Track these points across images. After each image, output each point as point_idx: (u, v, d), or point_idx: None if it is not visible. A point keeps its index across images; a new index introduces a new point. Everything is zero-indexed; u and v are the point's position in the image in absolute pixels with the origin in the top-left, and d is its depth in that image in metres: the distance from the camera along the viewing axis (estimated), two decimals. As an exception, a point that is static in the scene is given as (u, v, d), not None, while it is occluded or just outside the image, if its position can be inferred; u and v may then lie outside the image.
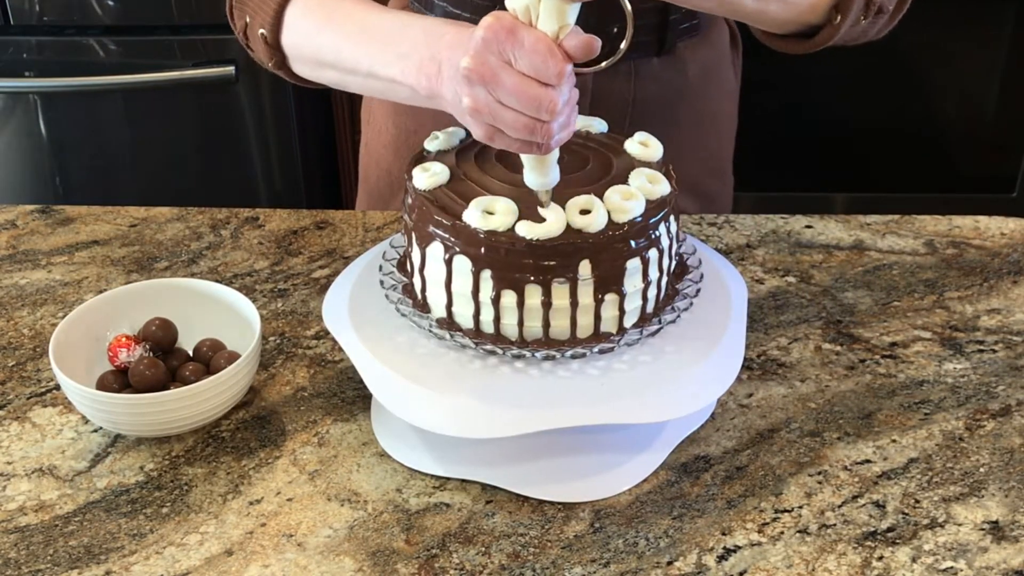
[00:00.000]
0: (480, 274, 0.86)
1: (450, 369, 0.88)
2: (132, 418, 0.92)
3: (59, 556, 0.85)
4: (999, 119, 2.32)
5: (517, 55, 0.78)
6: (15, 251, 1.21)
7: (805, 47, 1.00)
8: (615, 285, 0.86)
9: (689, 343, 0.91)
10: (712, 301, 0.95)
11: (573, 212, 0.85)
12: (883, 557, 0.84)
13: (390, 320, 0.93)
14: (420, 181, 0.90)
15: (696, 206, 1.26)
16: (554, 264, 0.85)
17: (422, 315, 0.91)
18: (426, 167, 0.91)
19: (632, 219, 0.85)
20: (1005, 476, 0.91)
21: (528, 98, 0.78)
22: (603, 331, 0.88)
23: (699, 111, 1.22)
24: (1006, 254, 1.18)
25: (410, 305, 0.92)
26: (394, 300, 0.92)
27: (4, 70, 2.07)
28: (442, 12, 1.14)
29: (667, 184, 0.89)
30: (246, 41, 1.06)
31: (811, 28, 0.98)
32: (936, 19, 2.21)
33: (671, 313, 0.91)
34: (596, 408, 0.86)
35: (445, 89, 0.85)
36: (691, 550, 0.85)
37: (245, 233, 1.23)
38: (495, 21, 0.78)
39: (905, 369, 1.03)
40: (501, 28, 0.78)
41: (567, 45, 0.78)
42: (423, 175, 0.90)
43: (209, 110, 2.11)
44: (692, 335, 0.92)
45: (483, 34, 0.78)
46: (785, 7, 0.95)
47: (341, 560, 0.84)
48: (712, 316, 0.94)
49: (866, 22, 0.98)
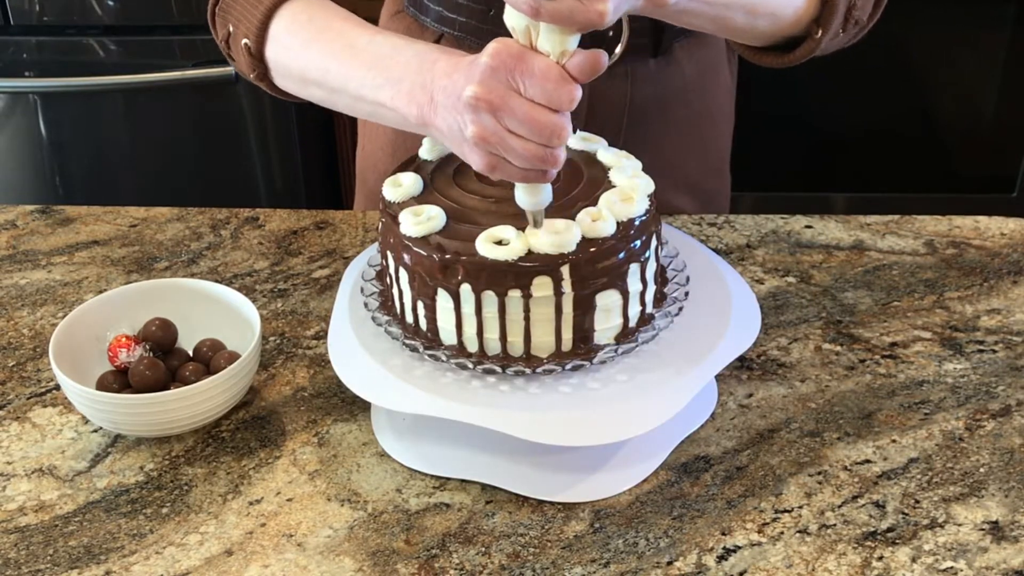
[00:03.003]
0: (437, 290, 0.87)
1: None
2: (132, 418, 0.92)
3: (59, 556, 0.85)
4: (999, 119, 2.32)
5: (526, 82, 0.77)
6: (15, 251, 1.21)
7: (784, 60, 1.00)
8: (586, 306, 0.86)
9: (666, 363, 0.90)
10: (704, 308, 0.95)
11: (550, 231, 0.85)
12: (883, 557, 0.84)
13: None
14: (389, 194, 0.91)
15: (695, 205, 1.26)
16: (514, 282, 0.85)
17: (395, 325, 0.92)
18: (397, 180, 0.92)
19: (603, 237, 0.85)
20: (1005, 476, 0.91)
21: (539, 125, 0.77)
22: (568, 350, 0.88)
23: (696, 111, 1.22)
24: (1006, 254, 1.18)
25: (382, 311, 0.93)
26: (372, 309, 0.94)
27: (4, 70, 2.07)
28: (436, 16, 1.14)
29: (643, 203, 0.89)
30: (228, 50, 1.03)
31: (791, 41, 0.99)
32: (936, 19, 2.21)
33: (649, 331, 0.91)
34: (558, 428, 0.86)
35: (439, 119, 0.83)
36: (691, 550, 0.85)
37: (245, 233, 1.23)
38: (502, 48, 0.77)
39: (905, 369, 1.03)
40: (509, 55, 0.77)
41: (571, 67, 0.77)
42: (393, 189, 0.91)
43: (209, 110, 2.11)
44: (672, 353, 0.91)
45: (490, 61, 0.77)
46: (772, 22, 0.95)
47: (341, 560, 0.84)
48: (700, 330, 0.93)
49: (843, 35, 0.98)
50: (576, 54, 0.77)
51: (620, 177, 0.91)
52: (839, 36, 0.98)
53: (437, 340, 0.89)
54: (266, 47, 0.98)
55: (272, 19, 0.97)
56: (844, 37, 0.99)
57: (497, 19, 1.09)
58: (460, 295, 0.85)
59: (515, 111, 0.77)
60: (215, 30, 1.04)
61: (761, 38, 0.98)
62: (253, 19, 0.98)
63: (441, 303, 0.87)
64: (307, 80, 0.96)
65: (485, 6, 1.10)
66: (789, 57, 0.99)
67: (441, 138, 0.85)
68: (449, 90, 0.81)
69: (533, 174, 0.80)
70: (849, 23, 0.97)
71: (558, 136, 0.77)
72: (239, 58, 1.01)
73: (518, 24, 0.77)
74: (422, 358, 0.89)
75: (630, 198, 0.88)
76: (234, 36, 1.00)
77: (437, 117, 0.83)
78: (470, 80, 0.78)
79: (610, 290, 0.86)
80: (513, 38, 0.79)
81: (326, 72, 0.93)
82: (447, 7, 1.13)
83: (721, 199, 1.31)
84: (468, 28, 1.12)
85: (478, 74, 0.78)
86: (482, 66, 0.77)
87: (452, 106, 0.81)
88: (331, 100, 0.95)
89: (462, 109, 0.79)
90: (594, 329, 0.88)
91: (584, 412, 0.86)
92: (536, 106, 0.77)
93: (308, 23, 0.96)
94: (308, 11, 0.96)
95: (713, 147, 1.27)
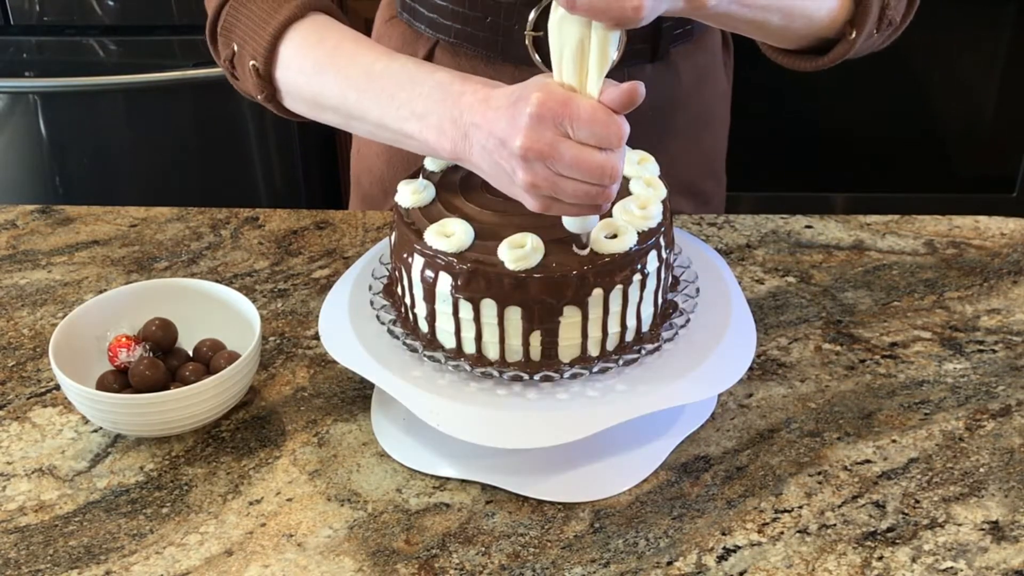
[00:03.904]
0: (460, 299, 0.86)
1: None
2: (132, 418, 0.92)
3: (59, 556, 0.85)
4: (999, 119, 2.32)
5: (574, 126, 0.77)
6: (15, 251, 1.21)
7: (818, 64, 1.00)
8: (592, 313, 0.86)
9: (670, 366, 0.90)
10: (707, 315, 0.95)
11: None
12: (883, 557, 0.84)
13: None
14: (403, 198, 0.90)
15: (692, 207, 1.27)
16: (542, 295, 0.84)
17: (406, 330, 0.91)
18: (410, 183, 0.91)
19: (617, 252, 0.85)
20: (1005, 476, 0.91)
21: (590, 167, 0.77)
22: (583, 356, 0.88)
23: (693, 115, 1.22)
24: (1006, 254, 1.18)
25: (392, 313, 0.93)
26: (377, 307, 0.93)
27: (4, 70, 2.07)
28: (429, 22, 1.13)
29: (658, 214, 0.89)
30: (231, 70, 0.99)
31: (825, 43, 0.99)
32: (936, 19, 2.21)
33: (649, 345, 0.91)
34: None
35: (477, 158, 0.82)
36: (691, 550, 0.85)
37: (245, 233, 1.23)
38: (546, 96, 0.77)
39: (905, 369, 1.03)
40: (555, 102, 0.77)
41: (607, 100, 0.77)
42: (407, 191, 0.91)
43: (209, 110, 2.11)
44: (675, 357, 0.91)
45: (535, 110, 0.77)
46: (807, 24, 0.95)
47: (341, 560, 0.85)
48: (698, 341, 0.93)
49: (877, 35, 0.98)
50: (608, 87, 0.77)
51: (636, 185, 0.91)
52: (873, 37, 0.98)
53: (481, 355, 0.89)
54: (276, 69, 0.95)
55: (281, 40, 0.94)
56: (878, 38, 0.99)
57: (493, 26, 1.10)
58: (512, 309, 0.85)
59: (565, 157, 0.77)
60: (216, 49, 1.01)
61: (796, 40, 0.98)
62: (261, 40, 0.94)
63: (485, 315, 0.86)
64: (322, 105, 0.94)
65: (481, 13, 1.10)
66: (823, 60, 0.99)
67: (481, 174, 0.85)
68: (486, 131, 0.81)
69: (587, 209, 0.80)
70: (883, 23, 0.97)
71: (610, 175, 0.77)
72: (245, 79, 0.98)
73: (569, 42, 0.77)
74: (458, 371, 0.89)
75: (645, 207, 0.88)
76: (239, 56, 0.97)
77: (474, 155, 0.83)
78: (515, 131, 0.78)
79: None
80: (552, 73, 0.79)
81: (344, 99, 0.91)
82: (441, 14, 1.12)
83: (717, 202, 1.31)
84: (463, 35, 1.12)
85: (524, 124, 0.77)
86: (527, 116, 0.77)
87: (494, 150, 0.80)
88: (348, 125, 0.94)
89: (508, 158, 0.79)
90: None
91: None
92: (585, 148, 0.77)
93: (319, 44, 0.93)
94: (318, 32, 0.94)
95: (709, 151, 1.27)
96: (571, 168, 0.77)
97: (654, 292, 0.89)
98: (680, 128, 1.20)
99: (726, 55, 1.27)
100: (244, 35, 0.96)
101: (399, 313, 0.92)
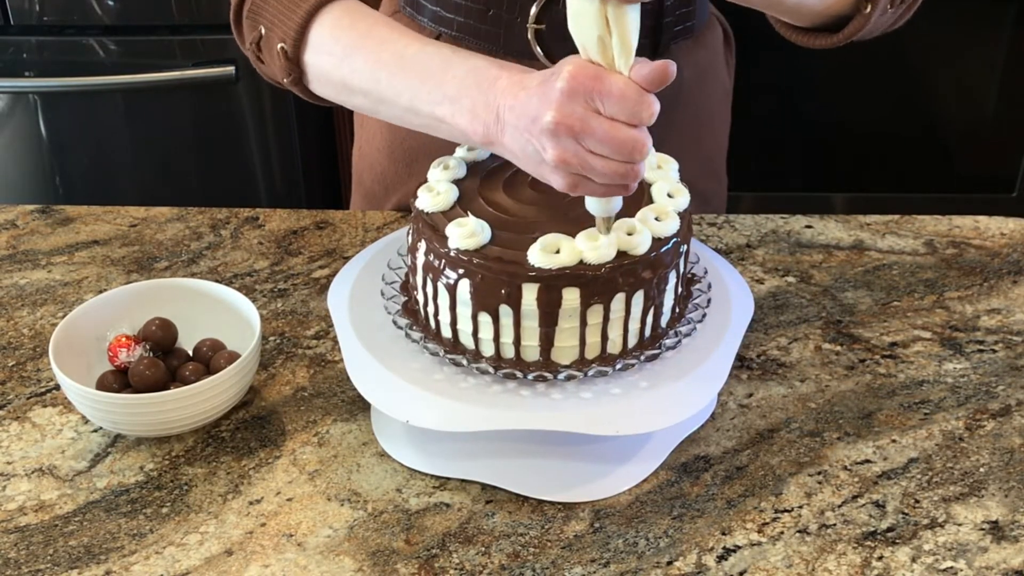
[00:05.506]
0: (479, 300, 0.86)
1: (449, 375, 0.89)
2: (132, 418, 0.92)
3: (59, 556, 0.85)
4: (999, 119, 2.32)
5: (606, 102, 0.76)
6: (15, 251, 1.21)
7: (832, 40, 0.99)
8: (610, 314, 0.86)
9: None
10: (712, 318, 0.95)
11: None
12: (883, 557, 0.84)
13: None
14: (423, 202, 0.90)
15: (692, 206, 1.26)
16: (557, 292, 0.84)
17: (416, 328, 0.91)
18: (431, 188, 0.91)
19: (638, 255, 0.85)
20: (1005, 476, 0.91)
21: (619, 143, 0.77)
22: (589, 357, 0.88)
23: (694, 112, 1.21)
24: (1006, 254, 1.18)
25: (404, 315, 0.92)
26: (392, 312, 0.93)
27: (4, 70, 2.07)
28: (432, 15, 1.14)
29: (676, 220, 0.89)
30: (257, 53, 1.00)
31: (839, 20, 0.99)
32: (936, 19, 2.21)
33: (656, 348, 0.91)
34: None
35: (508, 139, 0.82)
36: (691, 550, 0.85)
37: (245, 233, 1.23)
38: (578, 70, 0.77)
39: (905, 369, 1.03)
40: (586, 76, 0.77)
41: (638, 78, 0.76)
42: (427, 196, 0.90)
43: (209, 110, 2.11)
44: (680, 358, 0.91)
45: (567, 85, 0.77)
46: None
47: (341, 560, 0.85)
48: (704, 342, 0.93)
49: (891, 11, 0.98)
50: (639, 65, 0.77)
51: (658, 193, 0.91)
52: (887, 13, 0.98)
53: (500, 356, 0.88)
54: (304, 52, 0.95)
55: (312, 23, 0.94)
56: (891, 15, 0.99)
57: (495, 19, 1.10)
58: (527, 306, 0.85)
59: (595, 132, 0.77)
60: (240, 32, 1.01)
61: (811, 16, 0.98)
62: (291, 22, 0.95)
63: (503, 318, 0.86)
64: (351, 88, 0.94)
65: (484, 6, 1.10)
66: (838, 36, 0.99)
67: (510, 157, 0.84)
68: (519, 111, 0.80)
69: (615, 188, 0.80)
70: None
71: (639, 151, 0.77)
72: (271, 62, 0.98)
73: (589, 42, 0.77)
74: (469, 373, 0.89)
75: (665, 214, 0.89)
76: (267, 39, 0.97)
77: (506, 137, 0.82)
78: (546, 105, 0.78)
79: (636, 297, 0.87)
80: (580, 55, 0.79)
81: (376, 82, 0.91)
82: (445, 7, 1.12)
83: (718, 200, 1.31)
84: (466, 28, 1.12)
85: (555, 99, 0.77)
86: (558, 91, 0.77)
87: (526, 128, 0.80)
88: (375, 109, 0.94)
89: (538, 134, 0.79)
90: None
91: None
92: (616, 124, 0.77)
93: (351, 28, 0.93)
94: (350, 16, 0.94)
95: (709, 149, 1.27)
96: (601, 144, 0.77)
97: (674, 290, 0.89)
98: (680, 125, 1.20)
99: (727, 52, 1.26)
100: (273, 18, 0.96)
101: (418, 321, 0.92)
